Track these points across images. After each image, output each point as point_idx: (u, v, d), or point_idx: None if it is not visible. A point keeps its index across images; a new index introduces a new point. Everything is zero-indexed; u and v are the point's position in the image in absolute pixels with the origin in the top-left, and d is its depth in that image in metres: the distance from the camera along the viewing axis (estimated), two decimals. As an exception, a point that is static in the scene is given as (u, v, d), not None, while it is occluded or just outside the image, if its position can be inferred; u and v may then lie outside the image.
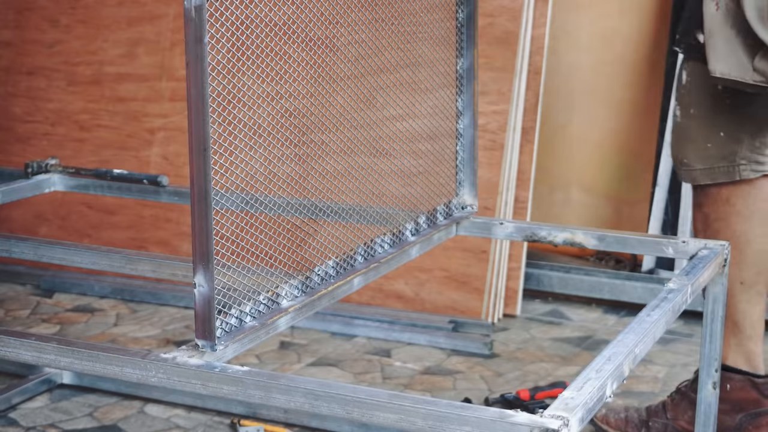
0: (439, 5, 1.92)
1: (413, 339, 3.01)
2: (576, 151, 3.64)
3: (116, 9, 3.51)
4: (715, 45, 2.06)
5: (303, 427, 2.43)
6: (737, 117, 2.19)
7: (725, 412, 2.24)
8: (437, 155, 1.99)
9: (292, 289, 1.58)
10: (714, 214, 2.25)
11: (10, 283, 3.43)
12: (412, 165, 1.91)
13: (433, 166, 1.97)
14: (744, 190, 2.23)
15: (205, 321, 1.36)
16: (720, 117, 2.20)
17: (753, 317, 2.26)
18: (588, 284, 3.33)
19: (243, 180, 1.52)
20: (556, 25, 3.48)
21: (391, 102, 1.87)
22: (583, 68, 3.58)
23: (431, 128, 1.97)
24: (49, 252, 1.93)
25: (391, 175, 1.85)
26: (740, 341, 2.26)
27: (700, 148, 2.22)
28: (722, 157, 2.21)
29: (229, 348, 1.40)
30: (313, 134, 1.71)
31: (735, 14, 2.03)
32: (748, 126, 2.20)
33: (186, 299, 3.26)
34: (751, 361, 2.28)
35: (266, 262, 1.53)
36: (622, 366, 1.36)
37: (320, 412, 1.25)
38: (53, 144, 3.53)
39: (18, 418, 2.48)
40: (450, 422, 1.18)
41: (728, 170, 2.22)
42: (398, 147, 1.88)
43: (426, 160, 1.96)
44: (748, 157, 2.22)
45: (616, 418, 2.40)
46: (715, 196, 2.24)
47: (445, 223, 2.03)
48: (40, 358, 1.41)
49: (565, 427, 1.16)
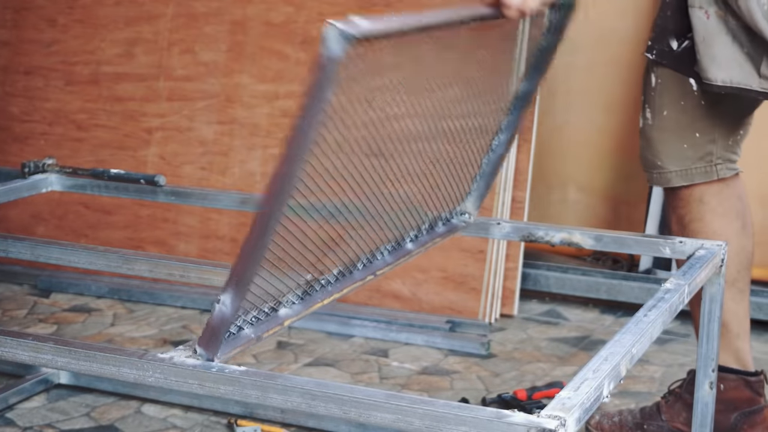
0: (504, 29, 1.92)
1: (410, 339, 3.01)
2: (573, 151, 3.64)
3: (114, 9, 3.51)
4: (712, 54, 2.06)
5: (300, 427, 2.43)
6: (711, 117, 2.20)
7: (720, 412, 2.24)
8: (461, 162, 1.97)
9: (291, 296, 1.57)
10: (689, 215, 2.25)
11: (7, 283, 3.43)
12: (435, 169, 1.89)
13: (455, 172, 1.96)
14: (717, 188, 2.24)
15: (214, 336, 1.35)
16: (695, 118, 2.20)
17: (738, 315, 2.27)
18: (585, 284, 3.33)
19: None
20: (554, 26, 3.47)
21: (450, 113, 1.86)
22: (580, 69, 3.58)
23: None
24: (46, 252, 1.93)
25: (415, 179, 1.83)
26: (728, 340, 2.26)
27: (675, 150, 2.22)
28: (699, 158, 2.22)
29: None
30: (390, 184, 1.69)
31: (727, 22, 2.03)
32: (721, 125, 2.21)
33: (183, 299, 3.26)
34: (741, 360, 2.29)
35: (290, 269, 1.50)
36: (619, 366, 1.36)
37: (317, 412, 1.25)
38: (50, 144, 3.53)
39: (15, 418, 2.47)
40: (447, 422, 1.18)
41: (706, 170, 2.23)
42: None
43: (450, 166, 1.94)
44: (723, 156, 2.23)
45: (609, 422, 2.40)
46: (688, 197, 2.25)
47: (444, 231, 2.01)
48: (37, 358, 1.41)
49: (562, 427, 1.16)
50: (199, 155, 3.40)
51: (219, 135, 3.39)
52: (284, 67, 3.34)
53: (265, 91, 3.35)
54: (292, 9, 3.35)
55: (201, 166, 3.39)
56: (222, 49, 3.40)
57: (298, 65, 3.33)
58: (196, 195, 2.24)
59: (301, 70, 3.33)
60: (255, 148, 3.34)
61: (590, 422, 2.41)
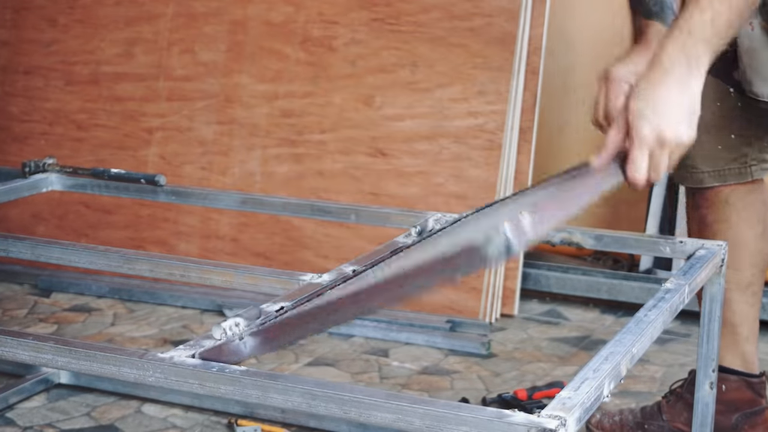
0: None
1: (411, 339, 3.01)
2: (573, 151, 3.64)
3: (114, 8, 3.51)
4: (757, 66, 2.01)
5: (300, 427, 2.43)
6: (747, 119, 2.18)
7: (721, 413, 2.24)
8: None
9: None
10: (712, 215, 2.24)
11: (8, 283, 3.43)
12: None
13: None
14: (745, 190, 2.22)
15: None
16: (731, 120, 2.17)
17: (749, 318, 2.26)
18: (585, 284, 3.33)
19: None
20: (554, 26, 3.48)
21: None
22: (581, 69, 3.58)
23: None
24: (47, 251, 1.92)
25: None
26: (737, 342, 2.26)
27: (709, 151, 2.20)
28: (733, 159, 2.20)
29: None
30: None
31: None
32: (757, 127, 2.19)
33: (183, 299, 3.26)
34: (747, 362, 2.28)
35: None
36: (620, 366, 1.36)
37: (318, 412, 1.25)
38: (51, 143, 3.53)
39: (15, 417, 2.47)
40: (447, 422, 1.17)
41: (740, 171, 2.20)
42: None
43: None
44: (757, 158, 2.21)
45: (610, 421, 2.40)
46: (714, 198, 2.23)
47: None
48: (37, 357, 1.40)
49: (563, 427, 1.16)
50: (199, 155, 3.40)
51: (219, 135, 3.39)
52: (284, 67, 3.34)
53: (264, 91, 3.35)
54: (292, 9, 3.35)
55: (201, 166, 3.39)
56: (222, 49, 3.40)
57: (297, 65, 3.33)
58: (197, 195, 2.24)
59: (300, 70, 3.33)
60: (255, 148, 3.34)
61: (591, 421, 2.41)
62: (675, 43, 1.58)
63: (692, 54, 1.57)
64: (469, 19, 3.19)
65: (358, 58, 3.29)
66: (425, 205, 3.09)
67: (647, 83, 1.59)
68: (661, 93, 1.56)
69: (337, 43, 3.31)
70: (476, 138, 3.17)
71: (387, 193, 3.22)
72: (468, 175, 3.16)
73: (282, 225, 3.30)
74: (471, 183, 3.16)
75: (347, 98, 3.30)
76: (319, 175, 3.30)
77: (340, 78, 3.30)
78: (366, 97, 3.28)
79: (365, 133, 3.28)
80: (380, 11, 3.28)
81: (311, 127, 3.32)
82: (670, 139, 1.58)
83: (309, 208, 2.13)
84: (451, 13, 3.22)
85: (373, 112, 3.27)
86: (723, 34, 1.58)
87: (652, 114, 1.57)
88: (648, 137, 1.58)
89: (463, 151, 3.17)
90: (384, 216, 2.06)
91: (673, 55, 1.58)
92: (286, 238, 3.31)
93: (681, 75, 1.57)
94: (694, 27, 1.57)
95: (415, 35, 3.25)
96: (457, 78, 3.19)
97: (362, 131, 3.28)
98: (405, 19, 3.26)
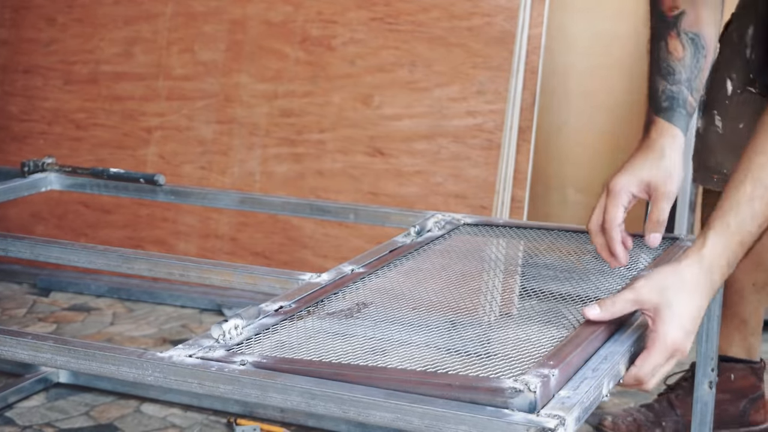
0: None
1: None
2: (572, 151, 3.64)
3: (113, 8, 3.50)
4: None
5: (300, 426, 2.43)
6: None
7: (730, 402, 2.32)
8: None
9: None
10: None
11: (7, 282, 3.43)
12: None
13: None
14: None
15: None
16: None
17: (759, 314, 2.37)
18: (584, 284, 3.32)
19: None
20: (553, 26, 3.48)
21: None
22: (580, 69, 3.58)
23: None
24: (46, 251, 1.92)
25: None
26: (744, 336, 2.37)
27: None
28: None
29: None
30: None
31: None
32: None
33: (182, 298, 3.26)
34: (751, 353, 2.40)
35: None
36: (619, 365, 1.36)
37: (317, 411, 1.25)
38: (50, 143, 3.53)
39: (14, 417, 2.47)
40: (446, 421, 1.17)
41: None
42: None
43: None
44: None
45: (625, 422, 2.41)
46: None
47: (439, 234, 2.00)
48: (36, 357, 1.40)
49: (562, 426, 1.16)
50: (199, 155, 3.40)
51: (218, 134, 3.38)
52: (283, 67, 3.34)
53: (264, 91, 3.35)
54: (291, 8, 3.35)
55: (200, 165, 3.39)
56: (221, 49, 3.40)
57: (297, 65, 3.33)
58: (196, 194, 2.24)
59: (300, 69, 3.33)
60: (254, 147, 3.34)
61: (604, 424, 2.43)
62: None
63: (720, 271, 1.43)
64: (468, 18, 3.19)
65: (357, 58, 3.29)
66: (424, 205, 3.09)
67: (679, 294, 1.40)
68: (690, 308, 1.43)
69: (336, 43, 3.31)
70: (475, 137, 3.17)
71: (386, 192, 3.23)
72: (467, 175, 3.16)
73: (281, 224, 3.30)
74: (470, 182, 3.16)
75: (346, 98, 3.30)
76: (319, 174, 3.30)
77: (339, 77, 3.30)
78: (365, 97, 3.28)
79: (364, 132, 3.28)
80: (379, 11, 3.28)
81: (310, 127, 3.32)
82: (684, 352, 1.46)
83: (308, 208, 2.13)
84: (450, 13, 3.22)
85: (372, 111, 3.28)
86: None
87: (679, 321, 1.39)
88: (673, 347, 1.45)
89: (462, 150, 3.17)
90: (383, 215, 2.06)
91: (704, 275, 1.42)
92: (285, 238, 3.31)
93: (708, 292, 1.45)
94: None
95: (414, 35, 3.25)
96: (456, 77, 3.19)
97: (361, 131, 3.28)
98: (404, 19, 3.26)
